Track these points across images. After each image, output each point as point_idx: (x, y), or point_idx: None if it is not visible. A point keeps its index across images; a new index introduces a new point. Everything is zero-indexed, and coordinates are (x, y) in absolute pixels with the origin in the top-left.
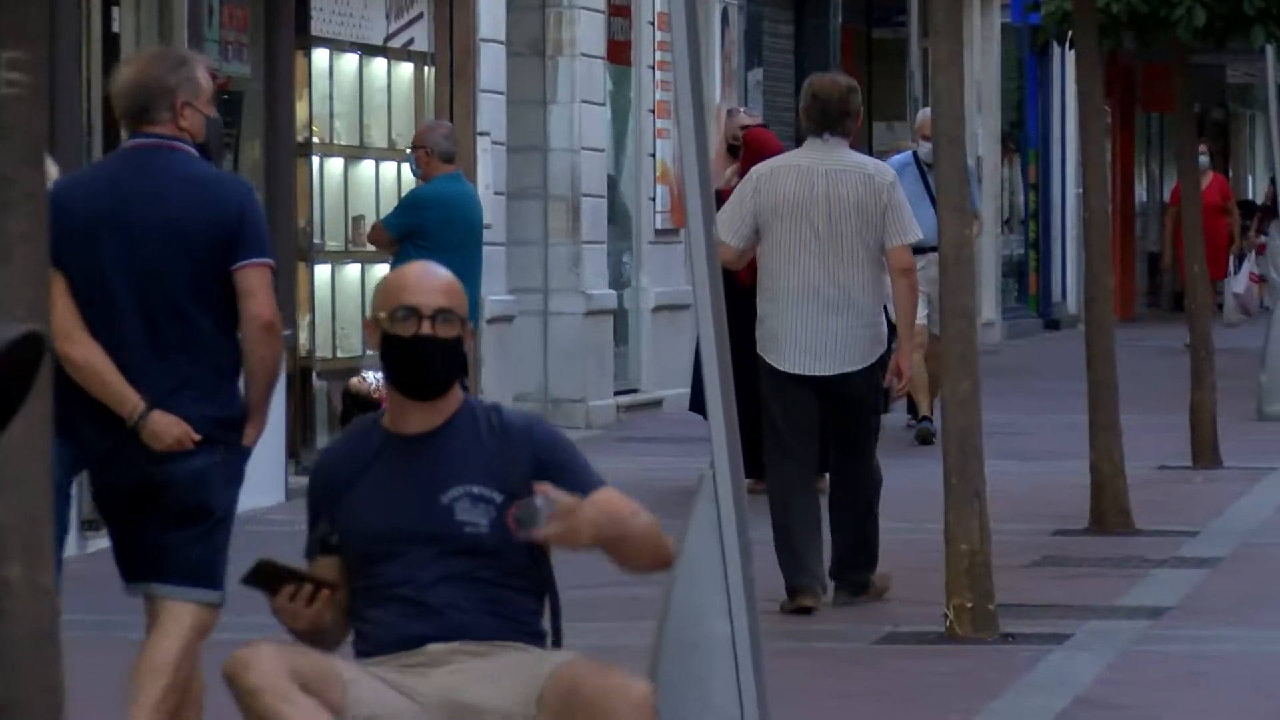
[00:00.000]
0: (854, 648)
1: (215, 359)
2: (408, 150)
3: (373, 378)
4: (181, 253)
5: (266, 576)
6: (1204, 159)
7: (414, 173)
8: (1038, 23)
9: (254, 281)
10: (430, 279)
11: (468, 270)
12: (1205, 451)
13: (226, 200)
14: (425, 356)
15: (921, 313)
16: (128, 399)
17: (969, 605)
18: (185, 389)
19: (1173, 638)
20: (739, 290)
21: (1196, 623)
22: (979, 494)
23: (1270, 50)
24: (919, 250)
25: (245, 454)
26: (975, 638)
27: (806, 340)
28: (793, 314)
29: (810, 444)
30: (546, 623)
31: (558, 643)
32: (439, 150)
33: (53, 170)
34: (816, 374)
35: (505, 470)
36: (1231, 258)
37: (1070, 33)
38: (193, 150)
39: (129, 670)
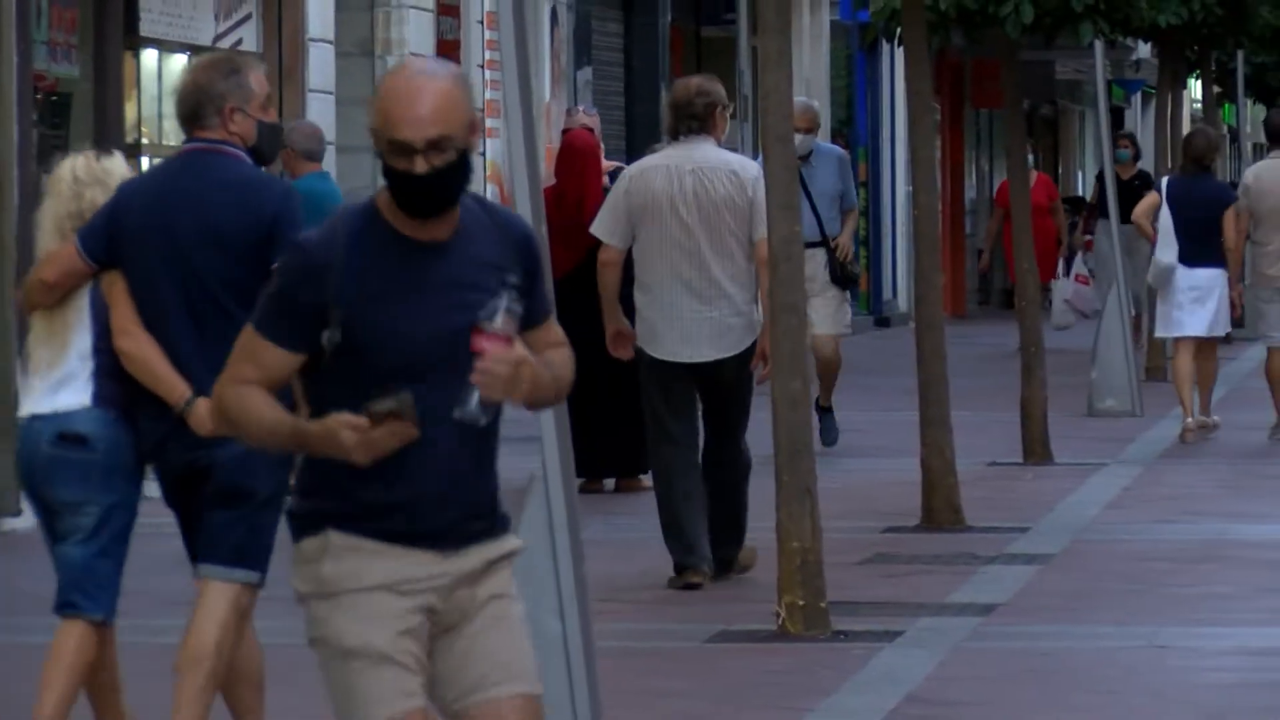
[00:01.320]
0: (687, 646)
1: None
2: None
3: None
4: (219, 253)
5: (393, 411)
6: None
7: (280, 173)
8: (867, 20)
9: None
10: (420, 105)
11: None
12: (1036, 448)
13: (262, 202)
14: (420, 192)
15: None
16: (176, 388)
17: (801, 603)
18: None
19: (1004, 634)
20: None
21: (1027, 619)
22: (810, 491)
23: (1099, 46)
24: None
25: None
26: (807, 635)
27: (681, 329)
28: (667, 305)
29: (691, 428)
30: None
31: None
32: (301, 149)
33: (120, 165)
34: (692, 361)
35: (511, 270)
36: (1061, 260)
37: (899, 30)
38: (241, 154)
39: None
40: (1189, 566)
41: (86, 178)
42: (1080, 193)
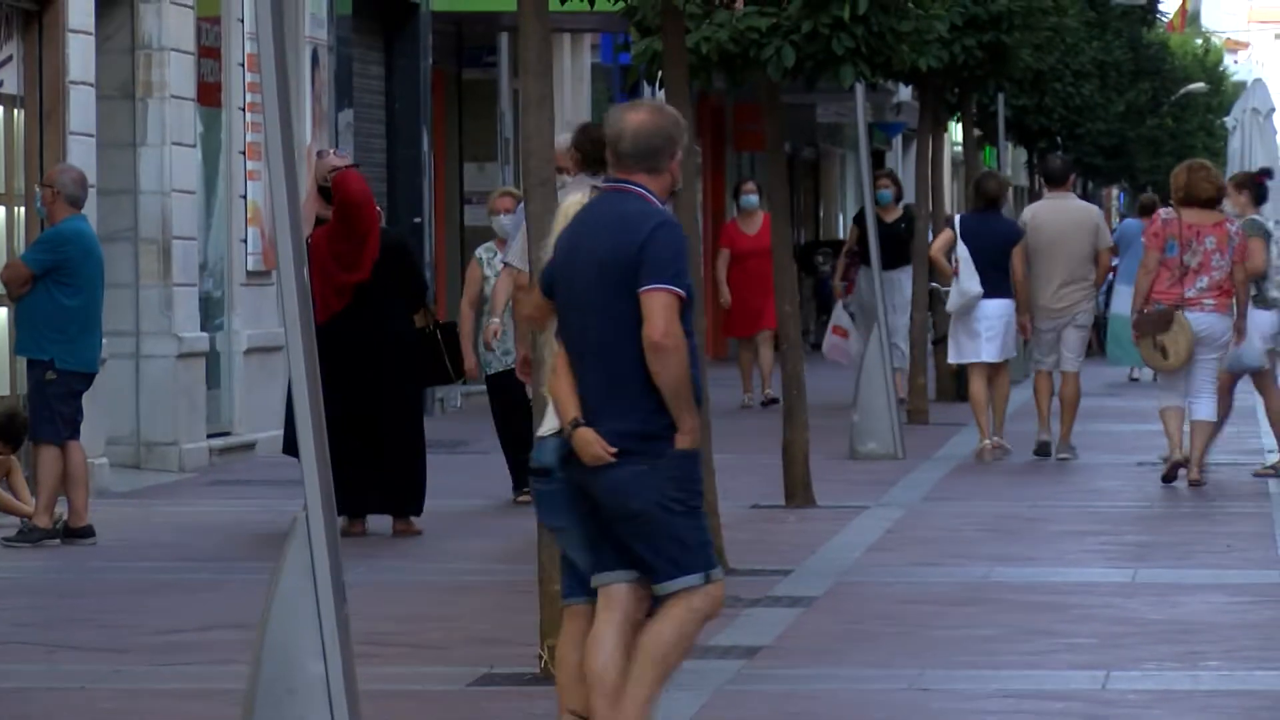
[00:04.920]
0: (450, 690)
1: (633, 377)
2: (37, 188)
3: None
4: (599, 283)
5: None
6: (753, 198)
7: (39, 212)
8: (628, 63)
9: (650, 305)
10: None
11: (99, 308)
12: (798, 490)
13: (634, 232)
14: None
15: None
16: (568, 414)
17: None
18: (607, 406)
19: (767, 677)
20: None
21: (791, 662)
22: None
23: (860, 89)
24: None
25: (680, 457)
26: None
27: None
28: None
29: None
30: None
31: None
32: (66, 193)
33: (569, 201)
34: None
35: None
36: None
37: (660, 73)
38: (644, 192)
39: None
40: (952, 609)
41: (567, 213)
42: (841, 236)
